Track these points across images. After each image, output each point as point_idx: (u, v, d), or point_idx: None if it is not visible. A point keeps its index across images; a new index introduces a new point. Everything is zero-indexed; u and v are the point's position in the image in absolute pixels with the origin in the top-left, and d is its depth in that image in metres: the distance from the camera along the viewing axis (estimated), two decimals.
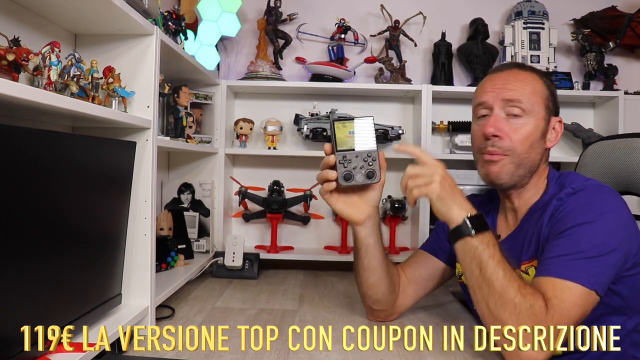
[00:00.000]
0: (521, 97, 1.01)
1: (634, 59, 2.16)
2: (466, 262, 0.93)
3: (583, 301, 0.85)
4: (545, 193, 1.04)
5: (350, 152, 0.98)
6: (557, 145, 2.04)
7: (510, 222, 1.10)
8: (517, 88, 1.02)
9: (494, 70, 1.10)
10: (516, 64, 1.10)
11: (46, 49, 0.83)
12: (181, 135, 1.50)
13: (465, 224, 0.92)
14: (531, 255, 1.00)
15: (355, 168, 0.98)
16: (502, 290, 0.86)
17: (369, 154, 0.98)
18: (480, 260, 0.90)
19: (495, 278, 0.87)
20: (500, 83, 1.04)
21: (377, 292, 1.15)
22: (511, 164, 1.01)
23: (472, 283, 0.92)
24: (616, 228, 0.91)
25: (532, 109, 1.02)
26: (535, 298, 0.85)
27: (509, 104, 1.01)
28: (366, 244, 1.09)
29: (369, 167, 0.98)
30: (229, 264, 1.74)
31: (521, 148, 1.01)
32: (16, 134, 0.70)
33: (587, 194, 0.95)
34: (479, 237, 0.91)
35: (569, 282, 0.85)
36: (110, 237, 1.04)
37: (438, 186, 0.94)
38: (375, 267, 1.11)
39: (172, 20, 1.41)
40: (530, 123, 1.01)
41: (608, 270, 0.88)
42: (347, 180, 0.98)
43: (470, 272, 0.92)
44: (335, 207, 1.05)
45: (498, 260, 0.89)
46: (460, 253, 0.94)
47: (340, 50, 2.03)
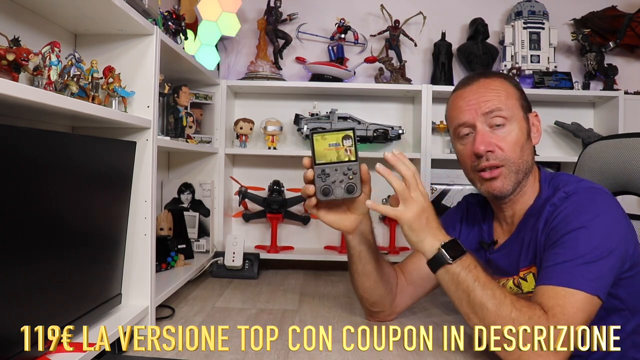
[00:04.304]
0: (500, 105, 1.00)
1: (634, 59, 2.16)
2: (451, 290, 0.92)
3: (587, 307, 0.84)
4: (539, 197, 1.03)
5: (330, 166, 0.94)
6: (557, 145, 2.09)
7: (505, 227, 1.10)
8: (493, 97, 1.01)
9: (461, 86, 1.07)
10: (480, 74, 1.08)
11: (46, 49, 0.83)
12: (181, 135, 1.50)
13: (440, 253, 0.91)
14: (529, 262, 1.00)
15: (335, 182, 0.94)
16: (496, 310, 0.85)
17: (349, 167, 0.94)
18: (466, 285, 0.89)
19: (486, 299, 0.86)
20: (474, 98, 1.02)
21: (374, 295, 1.15)
22: (510, 172, 1.00)
23: (464, 309, 0.90)
24: (612, 229, 0.91)
25: (512, 114, 1.00)
26: (532, 309, 0.84)
27: (490, 116, 1.00)
28: (359, 251, 1.08)
29: (349, 181, 0.94)
30: (229, 264, 1.74)
31: (514, 155, 1.00)
32: (16, 134, 0.70)
33: (580, 197, 0.95)
34: (458, 263, 0.90)
35: (572, 290, 0.84)
36: (110, 237, 1.04)
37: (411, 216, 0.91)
38: (370, 272, 1.10)
39: (172, 20, 1.41)
40: (514, 129, 1.00)
41: (608, 273, 0.87)
42: (326, 195, 0.94)
43: (459, 300, 0.91)
44: (324, 220, 1.02)
45: (484, 281, 0.88)
46: (444, 282, 0.93)
47: (340, 50, 2.03)
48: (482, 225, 1.15)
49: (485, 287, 0.87)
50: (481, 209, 1.17)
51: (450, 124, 1.08)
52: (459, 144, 1.07)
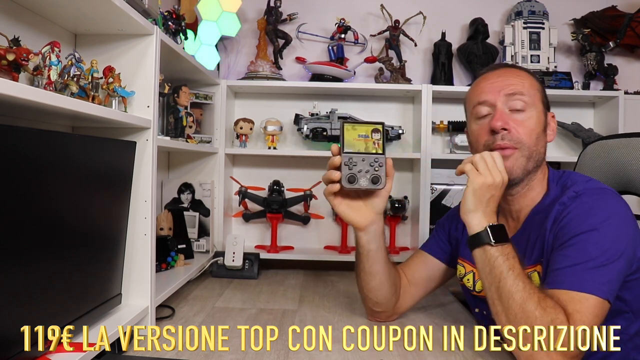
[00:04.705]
0: (523, 90, 1.01)
1: (634, 59, 2.16)
2: (485, 272, 0.92)
3: (600, 311, 0.84)
4: (547, 195, 1.03)
5: (357, 155, 0.96)
6: (557, 145, 2.09)
7: (511, 224, 1.09)
8: (517, 82, 1.02)
9: (486, 71, 1.09)
10: (505, 64, 1.11)
11: (46, 48, 0.83)
12: (181, 135, 1.50)
13: (485, 232, 0.92)
14: (534, 260, 0.99)
15: (361, 172, 0.96)
16: (522, 303, 0.84)
17: (376, 159, 0.96)
18: (500, 271, 0.88)
19: (515, 290, 0.86)
20: (498, 80, 1.04)
21: (378, 295, 1.15)
22: (522, 157, 1.00)
23: (491, 294, 0.90)
24: (621, 231, 0.90)
25: (533, 101, 1.02)
26: (557, 312, 0.83)
27: (512, 98, 1.01)
28: (367, 249, 1.09)
29: (375, 172, 0.96)
30: (229, 263, 1.74)
31: (529, 140, 1.00)
32: (16, 134, 0.70)
33: (589, 198, 0.94)
34: (498, 248, 0.90)
35: (586, 294, 0.84)
36: (110, 237, 1.04)
37: (482, 183, 0.93)
38: (376, 272, 1.10)
39: (172, 20, 1.41)
40: (533, 116, 1.01)
41: (617, 277, 0.87)
42: (351, 182, 0.96)
43: (489, 283, 0.91)
44: (338, 209, 1.05)
45: (518, 272, 0.88)
46: (480, 262, 0.93)
47: (340, 50, 2.03)
48: None
49: (517, 278, 0.87)
50: None
51: (469, 103, 1.09)
52: (474, 124, 1.07)
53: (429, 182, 1.91)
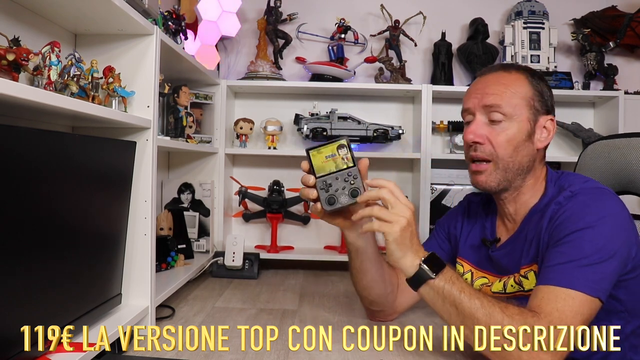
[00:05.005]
0: (500, 102, 1.00)
1: (634, 59, 2.16)
2: (438, 305, 0.91)
3: (586, 309, 0.84)
4: (544, 195, 1.03)
5: (329, 176, 0.96)
6: (557, 146, 2.09)
7: (509, 225, 1.09)
8: (497, 92, 1.01)
9: (480, 74, 1.09)
10: (502, 66, 1.09)
11: (46, 49, 0.83)
12: (181, 135, 1.50)
13: (422, 270, 0.91)
14: (531, 260, 0.99)
15: (337, 190, 0.96)
16: (487, 319, 0.84)
17: (349, 173, 0.96)
18: (452, 298, 0.88)
19: (475, 310, 0.86)
20: (481, 88, 1.03)
21: (372, 293, 1.15)
22: (497, 170, 1.00)
23: (454, 322, 0.89)
24: (616, 231, 0.90)
25: (513, 112, 1.00)
26: (524, 317, 0.83)
27: (490, 110, 1.00)
28: (355, 247, 1.08)
29: (352, 186, 0.96)
30: (229, 264, 1.74)
31: (504, 152, 1.00)
32: (16, 134, 0.70)
33: (585, 197, 0.94)
34: (440, 277, 0.90)
35: (572, 291, 0.84)
36: (110, 237, 1.04)
37: (399, 230, 0.91)
38: (367, 269, 1.10)
39: (172, 20, 1.41)
40: (512, 127, 1.00)
41: (610, 276, 0.87)
42: (332, 204, 0.96)
43: (447, 314, 0.90)
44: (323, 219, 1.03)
45: (469, 292, 0.88)
46: (428, 299, 0.92)
47: (340, 50, 2.03)
48: (484, 223, 1.14)
49: (472, 298, 0.87)
50: (483, 207, 1.17)
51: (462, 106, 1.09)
52: (464, 128, 1.08)
53: (429, 182, 1.91)
